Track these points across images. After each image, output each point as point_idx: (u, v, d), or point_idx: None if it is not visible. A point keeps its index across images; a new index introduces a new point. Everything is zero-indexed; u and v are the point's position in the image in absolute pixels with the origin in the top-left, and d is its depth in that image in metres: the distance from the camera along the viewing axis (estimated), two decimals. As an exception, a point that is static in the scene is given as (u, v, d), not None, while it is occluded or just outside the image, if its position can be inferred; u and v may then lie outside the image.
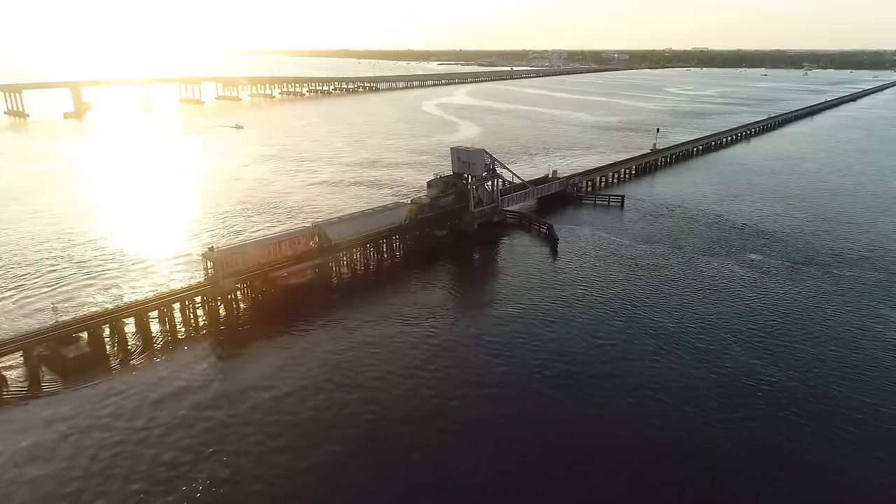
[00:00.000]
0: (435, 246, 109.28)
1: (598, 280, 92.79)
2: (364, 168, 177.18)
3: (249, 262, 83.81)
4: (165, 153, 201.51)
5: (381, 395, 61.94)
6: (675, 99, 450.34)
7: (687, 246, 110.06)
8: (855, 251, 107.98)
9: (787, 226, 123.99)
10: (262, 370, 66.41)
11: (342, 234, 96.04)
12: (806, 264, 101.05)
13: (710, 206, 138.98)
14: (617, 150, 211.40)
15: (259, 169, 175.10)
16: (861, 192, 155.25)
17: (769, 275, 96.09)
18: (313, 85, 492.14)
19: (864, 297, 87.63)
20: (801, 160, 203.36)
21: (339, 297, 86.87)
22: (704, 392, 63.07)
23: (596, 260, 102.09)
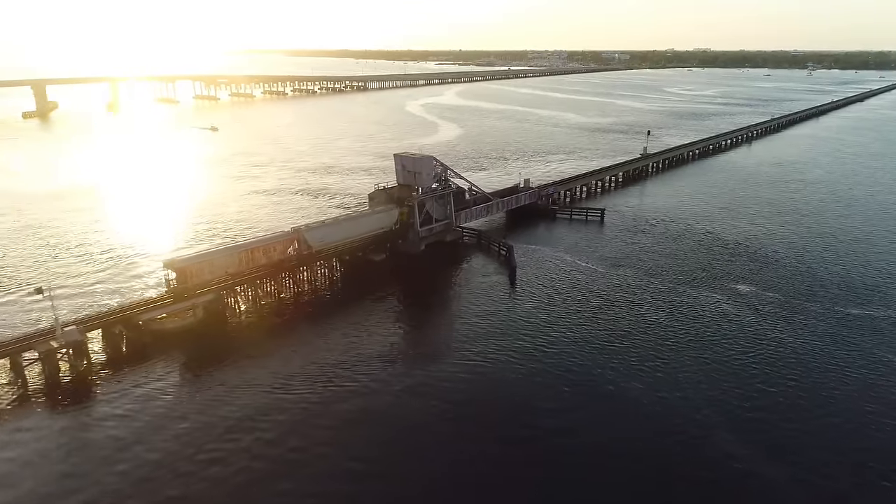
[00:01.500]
0: (367, 273, 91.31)
1: (553, 323, 74.76)
2: (316, 174, 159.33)
3: (217, 271, 75.06)
4: (116, 158, 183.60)
5: None
6: (674, 99, 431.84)
7: (667, 273, 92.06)
8: (867, 282, 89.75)
9: (785, 247, 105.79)
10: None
11: (325, 239, 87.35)
12: (806, 299, 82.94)
13: (700, 221, 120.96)
14: (604, 155, 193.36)
15: (202, 175, 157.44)
16: (873, 205, 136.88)
17: (760, 313, 78.04)
18: (297, 84, 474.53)
19: (880, 347, 69.53)
20: (806, 166, 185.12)
21: (224, 347, 68.93)
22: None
23: (555, 294, 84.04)
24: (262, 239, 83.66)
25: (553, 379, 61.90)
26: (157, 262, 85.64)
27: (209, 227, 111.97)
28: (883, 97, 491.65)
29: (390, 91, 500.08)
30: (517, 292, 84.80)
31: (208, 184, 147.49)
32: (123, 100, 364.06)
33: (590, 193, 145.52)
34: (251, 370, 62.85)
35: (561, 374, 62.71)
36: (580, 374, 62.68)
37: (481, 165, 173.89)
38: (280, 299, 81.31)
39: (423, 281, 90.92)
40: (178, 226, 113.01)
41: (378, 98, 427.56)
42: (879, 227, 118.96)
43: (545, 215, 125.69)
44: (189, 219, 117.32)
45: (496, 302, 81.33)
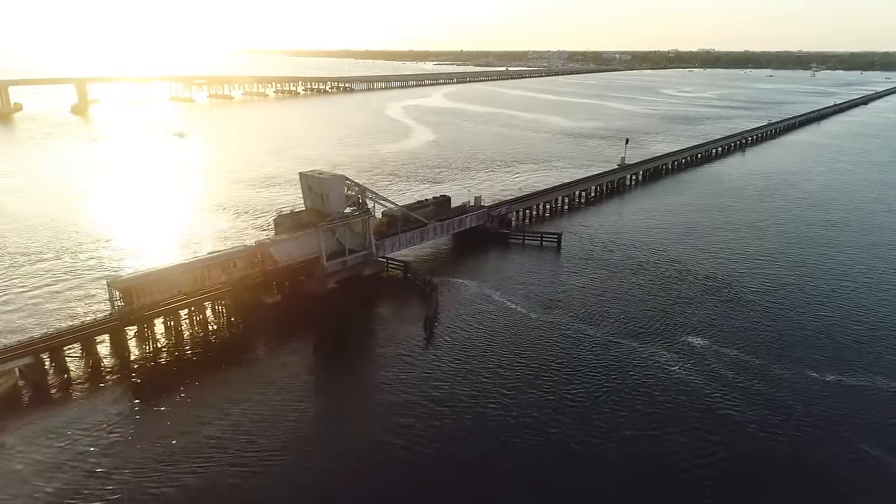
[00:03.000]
0: (256, 320, 75.02)
1: (459, 400, 58.34)
2: (251, 187, 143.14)
3: (170, 290, 68.93)
4: (65, 166, 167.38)
5: None
6: (669, 102, 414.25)
7: (611, 319, 75.59)
8: (859, 337, 72.78)
9: (761, 284, 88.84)
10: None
11: (292, 254, 79.51)
12: (781, 358, 66.25)
13: (669, 248, 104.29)
14: (580, 165, 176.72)
15: (144, 186, 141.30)
16: (870, 229, 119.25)
17: (716, 382, 61.41)
18: (280, 85, 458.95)
19: (866, 438, 52.96)
20: (799, 178, 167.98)
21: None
22: None
23: (472, 349, 67.67)
24: (222, 254, 75.97)
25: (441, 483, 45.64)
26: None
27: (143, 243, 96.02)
28: (889, 99, 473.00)
29: (378, 92, 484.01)
30: (431, 347, 68.48)
31: (143, 196, 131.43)
32: (96, 101, 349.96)
33: (553, 212, 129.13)
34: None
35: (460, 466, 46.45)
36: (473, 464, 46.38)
37: (440, 177, 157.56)
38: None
39: (318, 331, 74.31)
40: (124, 241, 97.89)
41: (363, 100, 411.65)
42: (875, 260, 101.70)
43: (497, 240, 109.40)
44: (134, 233, 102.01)
45: (402, 361, 65.25)
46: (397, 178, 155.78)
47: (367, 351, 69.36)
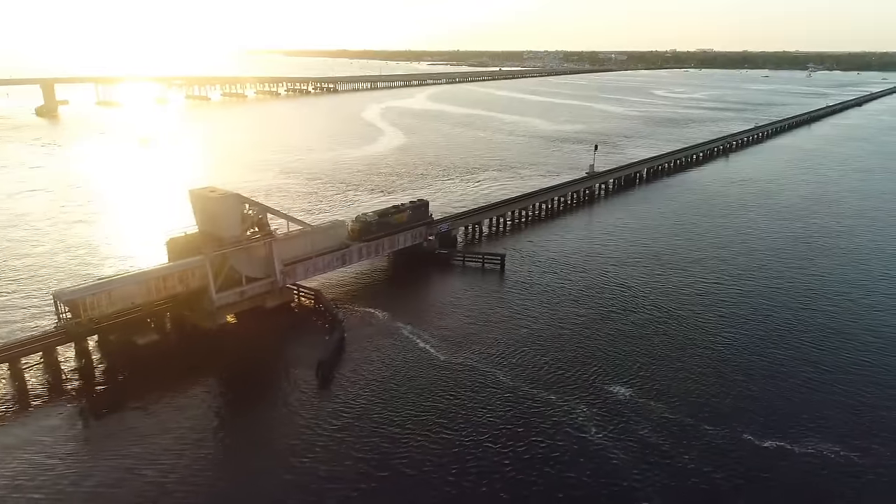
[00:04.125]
0: (126, 362, 64.20)
1: (345, 465, 47.51)
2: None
3: (120, 302, 65.84)
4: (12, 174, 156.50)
5: None
6: (658, 103, 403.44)
7: (535, 362, 64.55)
8: (842, 386, 62.10)
9: (714, 320, 77.84)
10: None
11: (291, 253, 79.66)
12: (711, 418, 55.29)
13: (621, 270, 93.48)
14: (549, 173, 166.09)
15: (72, 197, 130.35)
16: (850, 252, 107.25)
17: (639, 455, 50.45)
18: (260, 86, 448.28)
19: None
20: (781, 187, 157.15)
21: None
22: None
23: (365, 398, 56.86)
24: (179, 264, 71.06)
25: None
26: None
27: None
28: (883, 101, 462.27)
29: (363, 93, 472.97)
30: (319, 399, 57.84)
31: (82, 206, 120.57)
32: (65, 102, 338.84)
33: (508, 228, 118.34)
34: None
35: None
36: None
37: (393, 186, 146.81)
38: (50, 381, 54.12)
39: (182, 379, 63.14)
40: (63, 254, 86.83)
41: (344, 101, 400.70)
42: (865, 284, 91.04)
43: (436, 262, 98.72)
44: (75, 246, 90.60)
45: (278, 421, 54.40)
46: (346, 187, 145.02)
47: (237, 403, 58.56)
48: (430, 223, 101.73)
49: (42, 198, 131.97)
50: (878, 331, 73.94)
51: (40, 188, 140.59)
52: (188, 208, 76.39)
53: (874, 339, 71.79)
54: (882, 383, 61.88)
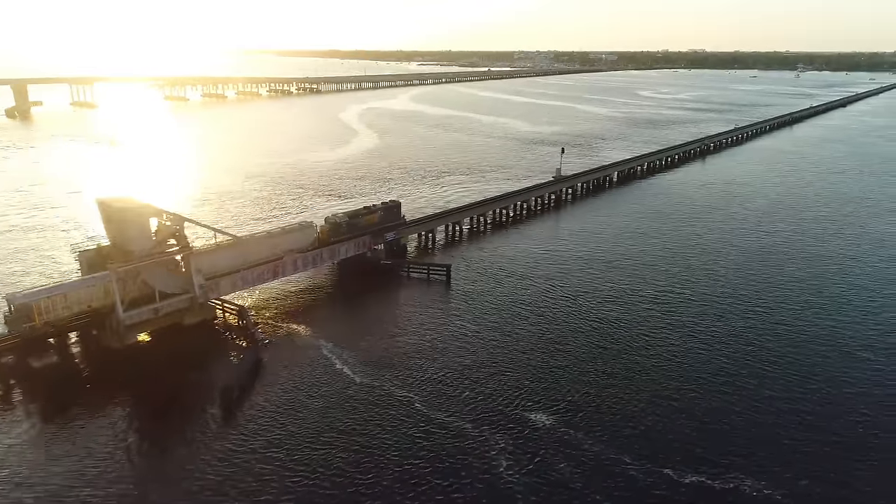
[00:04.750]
0: (10, 389, 59.44)
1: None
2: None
3: (76, 306, 65.29)
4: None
5: None
6: (641, 104, 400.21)
7: (457, 385, 60.05)
8: (776, 419, 58.01)
9: (670, 331, 73.91)
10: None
11: (217, 265, 76.05)
12: (639, 455, 51.05)
13: (574, 282, 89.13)
14: (517, 177, 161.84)
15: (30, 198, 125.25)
16: (814, 262, 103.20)
17: (562, 490, 46.15)
18: (241, 86, 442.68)
19: None
20: (747, 192, 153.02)
21: None
22: None
23: (268, 438, 52.36)
24: (85, 279, 69.74)
25: None
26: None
27: None
28: (868, 102, 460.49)
29: (347, 94, 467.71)
30: (220, 431, 53.33)
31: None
32: (39, 104, 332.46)
33: (464, 235, 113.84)
34: None
35: None
36: None
37: (354, 191, 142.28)
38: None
39: (89, 402, 58.40)
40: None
41: (324, 102, 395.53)
42: (828, 304, 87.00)
43: (381, 273, 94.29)
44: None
45: (181, 450, 49.82)
46: (304, 192, 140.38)
47: (128, 431, 53.79)
48: (376, 233, 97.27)
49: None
50: (821, 361, 69.97)
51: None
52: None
53: (813, 372, 67.79)
54: (822, 418, 57.86)
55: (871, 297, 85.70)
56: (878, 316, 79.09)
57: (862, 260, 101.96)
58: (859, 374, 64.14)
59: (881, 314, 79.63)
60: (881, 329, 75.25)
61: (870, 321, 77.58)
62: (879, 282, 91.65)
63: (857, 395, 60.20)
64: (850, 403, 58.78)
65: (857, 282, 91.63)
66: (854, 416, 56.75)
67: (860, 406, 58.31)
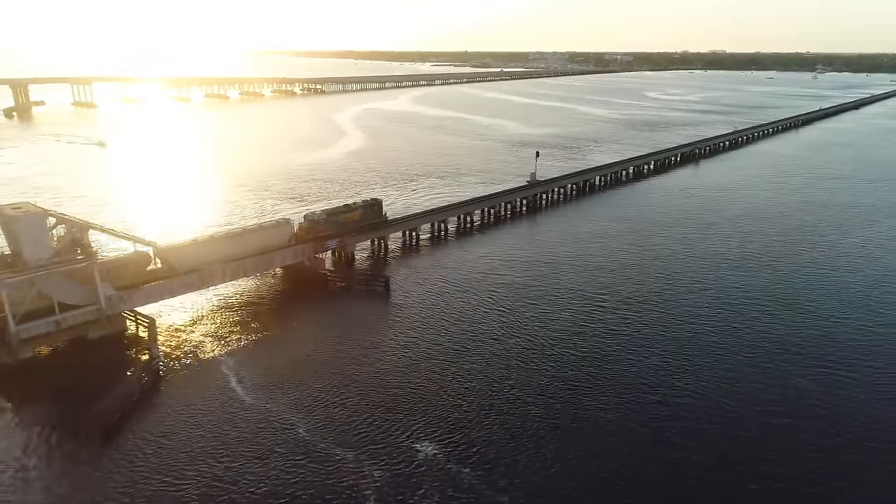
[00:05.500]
0: None
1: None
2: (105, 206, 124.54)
3: None
4: None
5: None
6: (645, 106, 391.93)
7: (353, 413, 55.45)
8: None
9: (601, 352, 68.61)
10: None
11: (195, 259, 76.98)
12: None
13: (516, 297, 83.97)
14: (493, 180, 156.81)
15: None
16: (785, 276, 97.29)
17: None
18: (246, 86, 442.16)
19: None
20: (731, 198, 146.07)
21: None
22: None
23: (139, 464, 48.26)
24: (108, 260, 73.40)
25: None
26: None
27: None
28: (885, 104, 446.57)
29: (350, 94, 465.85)
30: (97, 458, 49.42)
31: None
32: (40, 103, 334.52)
33: (418, 243, 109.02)
34: None
35: None
36: None
37: (324, 193, 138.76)
38: None
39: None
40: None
41: (325, 102, 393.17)
42: (824, 339, 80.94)
43: (320, 283, 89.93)
44: None
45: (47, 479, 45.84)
46: (270, 194, 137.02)
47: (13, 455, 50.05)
48: (318, 241, 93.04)
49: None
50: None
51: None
52: None
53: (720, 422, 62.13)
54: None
55: (846, 307, 79.53)
56: (868, 327, 73.14)
57: (838, 268, 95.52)
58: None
59: (868, 325, 73.63)
60: (872, 340, 69.45)
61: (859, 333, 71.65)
62: (864, 290, 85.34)
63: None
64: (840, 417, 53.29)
65: (838, 292, 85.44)
66: (838, 433, 51.30)
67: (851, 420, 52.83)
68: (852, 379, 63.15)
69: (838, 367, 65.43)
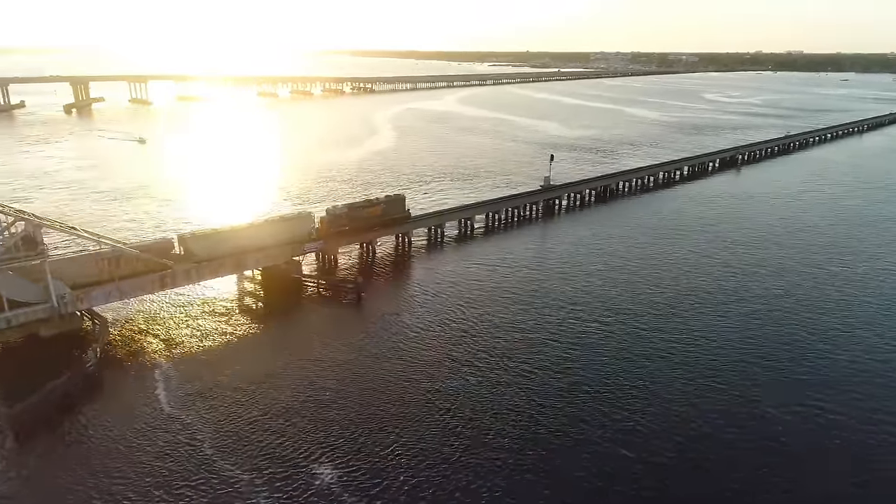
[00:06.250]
0: None
1: None
2: (123, 200, 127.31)
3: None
4: None
5: None
6: (700, 108, 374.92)
7: (274, 434, 52.14)
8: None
9: (564, 382, 63.00)
10: None
11: (215, 248, 79.61)
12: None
13: (494, 316, 79.06)
14: (508, 184, 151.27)
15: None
16: (798, 298, 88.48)
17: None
18: (295, 85, 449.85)
19: None
20: (759, 208, 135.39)
21: None
22: None
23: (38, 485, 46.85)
24: (137, 245, 76.93)
25: None
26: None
27: None
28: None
29: (400, 94, 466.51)
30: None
31: None
32: (100, 100, 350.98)
33: (409, 249, 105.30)
34: None
35: None
36: None
37: (333, 194, 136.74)
38: None
39: None
40: None
41: (371, 101, 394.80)
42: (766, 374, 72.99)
43: (294, 288, 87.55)
44: None
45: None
46: (279, 191, 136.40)
47: None
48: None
49: None
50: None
51: None
52: None
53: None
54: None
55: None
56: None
57: (871, 289, 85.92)
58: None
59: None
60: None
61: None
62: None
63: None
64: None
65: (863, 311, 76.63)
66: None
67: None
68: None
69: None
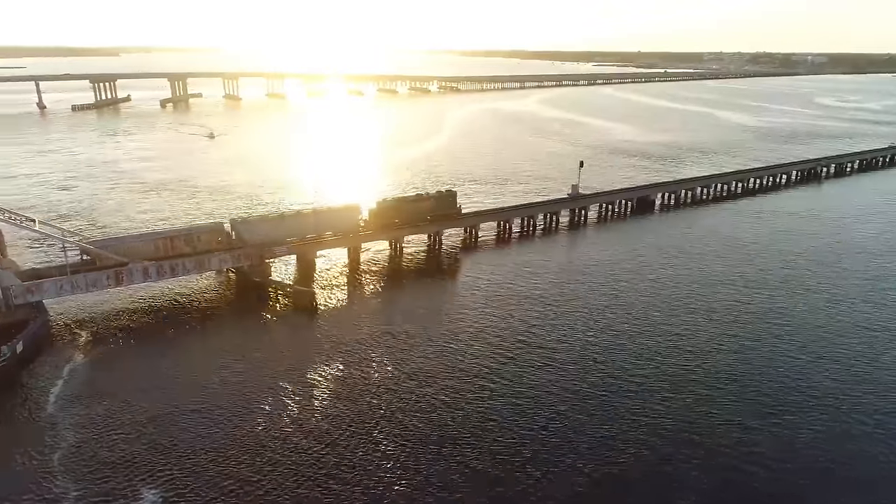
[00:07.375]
0: None
1: None
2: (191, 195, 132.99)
3: None
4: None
5: None
6: (805, 113, 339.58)
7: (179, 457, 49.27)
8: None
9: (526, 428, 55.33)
10: None
11: (265, 234, 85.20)
12: None
13: (461, 350, 72.32)
14: (542, 190, 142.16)
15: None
16: (821, 329, 74.25)
17: None
18: (382, 84, 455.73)
19: None
20: (814, 231, 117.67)
21: None
22: None
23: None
24: (184, 229, 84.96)
25: None
26: None
27: None
28: None
29: (485, 93, 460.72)
30: None
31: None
32: (202, 95, 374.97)
33: (401, 255, 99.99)
34: None
35: None
36: None
37: (365, 189, 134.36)
38: None
39: None
40: None
41: (452, 101, 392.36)
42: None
43: (252, 291, 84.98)
44: None
45: None
46: (319, 183, 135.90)
47: None
48: (262, 247, 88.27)
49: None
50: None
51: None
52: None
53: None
54: None
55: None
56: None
57: None
58: None
59: None
60: None
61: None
62: None
63: None
64: None
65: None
66: None
67: None
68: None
69: None
